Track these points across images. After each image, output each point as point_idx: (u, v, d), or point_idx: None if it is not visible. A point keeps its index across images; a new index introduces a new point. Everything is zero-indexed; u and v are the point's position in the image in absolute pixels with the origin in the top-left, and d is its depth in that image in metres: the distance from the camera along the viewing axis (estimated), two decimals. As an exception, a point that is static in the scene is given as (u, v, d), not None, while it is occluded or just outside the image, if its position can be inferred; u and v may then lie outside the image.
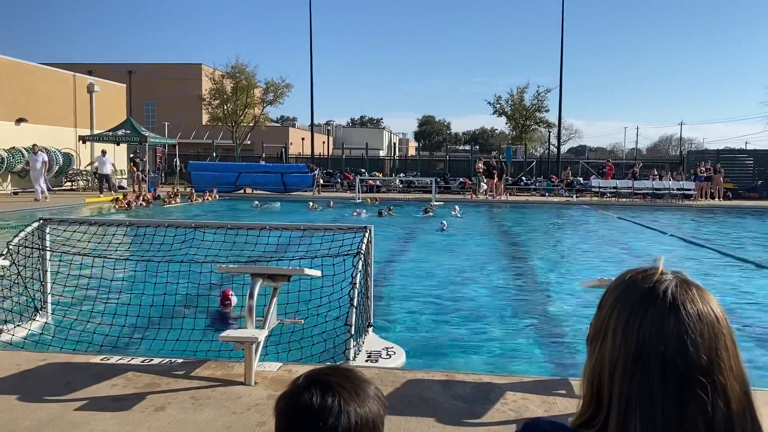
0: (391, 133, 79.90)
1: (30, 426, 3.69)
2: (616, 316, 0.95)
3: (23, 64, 27.09)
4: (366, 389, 1.12)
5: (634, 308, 0.94)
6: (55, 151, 26.63)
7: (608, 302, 0.99)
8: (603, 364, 0.95)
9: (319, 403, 1.05)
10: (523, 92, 41.24)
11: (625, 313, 0.94)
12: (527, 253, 13.44)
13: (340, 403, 1.06)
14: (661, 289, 0.94)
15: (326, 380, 1.09)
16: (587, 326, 1.06)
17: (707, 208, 25.52)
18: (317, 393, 1.06)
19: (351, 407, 1.07)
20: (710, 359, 0.90)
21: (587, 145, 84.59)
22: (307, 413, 1.05)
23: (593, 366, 0.97)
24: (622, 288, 0.98)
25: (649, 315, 0.92)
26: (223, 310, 7.26)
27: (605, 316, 0.98)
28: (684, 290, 0.94)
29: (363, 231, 6.03)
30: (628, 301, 0.95)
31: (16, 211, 18.37)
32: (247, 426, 3.76)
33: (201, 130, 47.03)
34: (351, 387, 1.09)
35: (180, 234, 6.39)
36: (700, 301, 0.94)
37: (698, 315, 0.92)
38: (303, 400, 1.06)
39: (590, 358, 0.99)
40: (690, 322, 0.91)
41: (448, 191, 30.17)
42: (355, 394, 1.09)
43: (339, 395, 1.07)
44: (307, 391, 1.07)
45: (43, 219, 6.50)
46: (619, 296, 0.97)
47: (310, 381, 1.09)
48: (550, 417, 3.92)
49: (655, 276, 0.97)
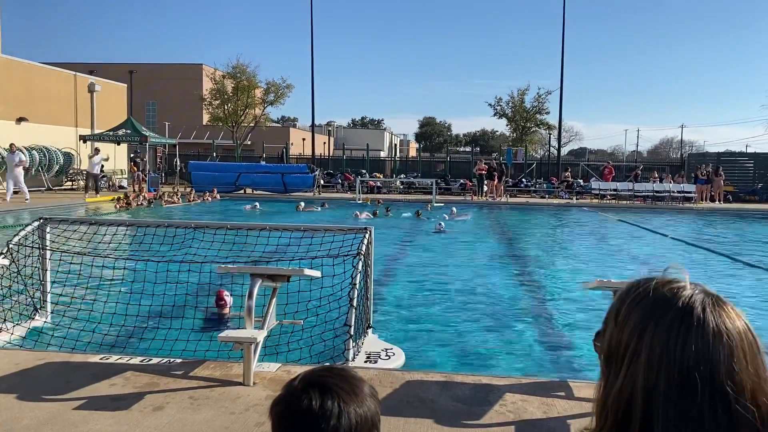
0: (392, 134, 79.89)
1: (29, 425, 3.69)
2: (650, 338, 0.89)
3: (24, 63, 27.12)
4: (362, 388, 1.11)
5: (672, 328, 0.88)
6: (55, 150, 26.65)
7: (632, 319, 0.92)
8: (635, 388, 0.89)
9: (320, 405, 1.04)
10: (523, 94, 41.33)
11: (662, 334, 0.88)
12: (527, 254, 13.44)
13: (340, 405, 1.05)
14: (696, 307, 0.89)
15: (324, 382, 1.08)
16: (592, 336, 1.03)
17: (707, 210, 25.51)
18: (316, 395, 1.05)
19: (351, 407, 1.06)
20: (753, 382, 0.87)
21: (588, 148, 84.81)
22: (307, 417, 1.05)
23: (620, 388, 0.90)
24: (648, 305, 0.91)
25: (692, 337, 0.87)
26: (221, 310, 7.25)
27: (631, 335, 0.91)
28: (720, 307, 0.90)
29: (363, 232, 6.03)
30: (663, 321, 0.89)
31: (10, 210, 18.38)
32: (245, 426, 3.75)
33: (201, 130, 47.06)
34: (349, 387, 1.09)
35: (180, 234, 6.39)
36: (737, 318, 0.90)
37: (739, 335, 0.88)
38: (303, 403, 1.05)
39: (612, 379, 0.92)
40: (733, 343, 0.87)
41: (448, 193, 30.19)
42: (354, 394, 1.08)
43: (338, 396, 1.06)
44: (305, 394, 1.06)
45: (43, 218, 6.50)
46: (647, 314, 0.91)
47: (308, 383, 1.08)
48: (549, 419, 3.92)
49: (684, 291, 0.91)
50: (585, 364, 5.90)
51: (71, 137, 28.47)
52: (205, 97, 42.23)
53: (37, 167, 25.61)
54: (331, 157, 45.41)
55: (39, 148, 25.89)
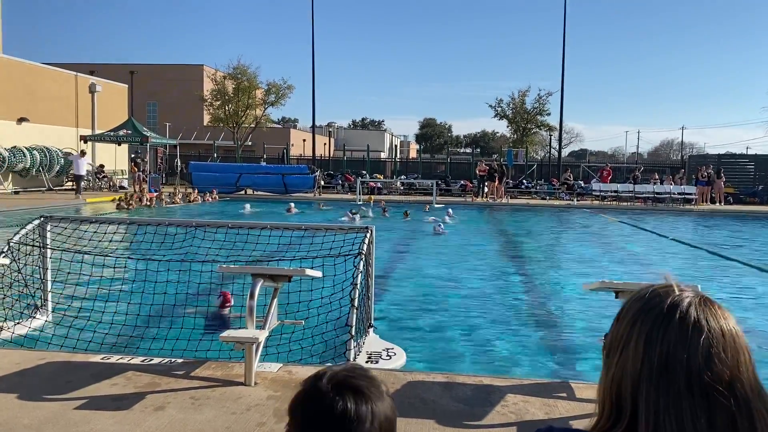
0: (392, 135, 79.93)
1: (29, 424, 3.68)
2: (638, 329, 0.97)
3: (25, 63, 27.12)
4: (383, 389, 1.12)
5: (657, 320, 0.96)
6: (56, 150, 26.65)
7: (628, 315, 1.01)
8: (624, 375, 0.97)
9: (354, 409, 1.05)
10: (524, 95, 41.25)
11: (647, 326, 0.96)
12: (528, 255, 13.43)
13: (372, 408, 1.07)
14: (683, 304, 0.97)
15: (357, 385, 1.08)
16: (601, 337, 1.07)
17: (708, 212, 25.50)
18: (350, 399, 1.06)
19: (380, 410, 1.08)
20: (732, 374, 0.92)
21: (588, 149, 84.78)
22: (342, 420, 1.05)
23: (612, 376, 0.99)
24: (643, 302, 1.00)
25: (672, 327, 0.95)
26: (222, 311, 7.25)
27: (625, 328, 1.00)
28: (705, 306, 0.97)
29: (364, 232, 6.01)
30: (650, 314, 0.97)
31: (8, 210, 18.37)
32: (246, 426, 3.74)
33: (202, 131, 47.05)
34: (377, 390, 1.10)
35: (181, 233, 6.38)
36: (722, 317, 0.97)
37: (721, 331, 0.95)
38: (337, 406, 1.05)
39: (608, 369, 1.01)
40: (713, 337, 0.94)
41: (449, 194, 30.18)
42: (382, 397, 1.10)
43: (371, 400, 1.07)
44: (339, 396, 1.06)
45: (44, 217, 6.49)
46: (639, 309, 0.99)
47: (339, 385, 1.07)
48: (552, 420, 3.91)
49: (675, 291, 0.99)
50: (586, 366, 5.89)
51: (72, 137, 28.47)
52: (206, 97, 42.21)
53: (37, 167, 25.62)
54: (331, 158, 45.42)
55: (40, 149, 25.88)
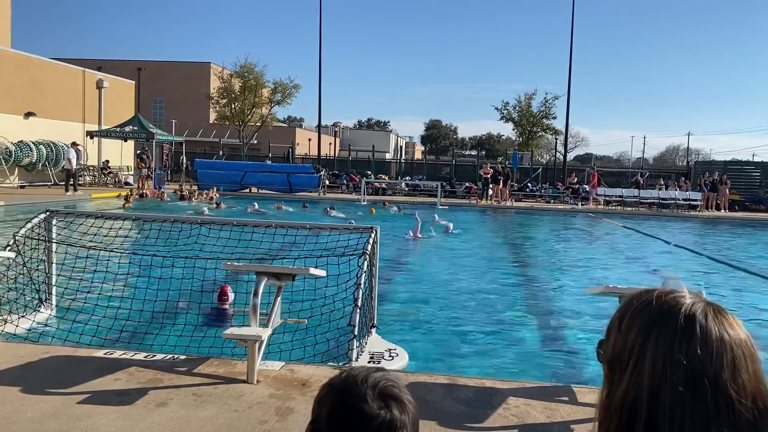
0: (397, 136, 79.93)
1: (33, 418, 3.69)
2: (655, 341, 0.92)
3: (33, 58, 27.21)
4: (409, 394, 1.14)
5: (677, 335, 0.91)
6: (62, 145, 26.72)
7: (635, 325, 0.95)
8: (640, 391, 0.91)
9: (390, 419, 1.07)
10: (530, 99, 41.10)
11: (665, 340, 0.91)
12: (532, 258, 13.42)
13: (408, 416, 1.09)
14: (698, 314, 0.92)
15: (397, 395, 1.10)
16: (596, 345, 1.03)
17: (713, 218, 25.42)
18: (394, 407, 1.08)
19: (414, 417, 1.10)
20: (753, 386, 0.90)
21: (594, 153, 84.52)
22: (385, 428, 1.06)
23: (625, 392, 0.93)
24: (652, 312, 0.94)
25: (696, 343, 0.90)
26: (222, 305, 7.23)
27: (635, 340, 0.94)
28: (720, 315, 0.94)
29: (369, 231, 6.02)
30: (667, 327, 0.92)
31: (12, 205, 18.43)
32: (248, 424, 3.75)
33: (208, 129, 47.15)
34: (411, 398, 1.12)
35: (186, 230, 6.39)
36: (737, 326, 0.94)
37: (740, 342, 0.92)
38: (379, 414, 1.06)
39: (617, 386, 0.95)
40: (735, 350, 0.91)
41: (453, 196, 30.17)
42: (413, 403, 1.11)
43: (408, 411, 1.09)
44: (383, 403, 1.07)
45: (50, 211, 6.51)
46: (651, 321, 0.94)
47: (382, 393, 1.08)
48: (553, 423, 3.91)
49: (683, 299, 0.95)
50: (589, 370, 5.88)
51: (78, 133, 28.54)
52: (213, 95, 42.28)
53: (44, 162, 25.68)
54: (336, 157, 45.44)
55: (46, 143, 25.95)
